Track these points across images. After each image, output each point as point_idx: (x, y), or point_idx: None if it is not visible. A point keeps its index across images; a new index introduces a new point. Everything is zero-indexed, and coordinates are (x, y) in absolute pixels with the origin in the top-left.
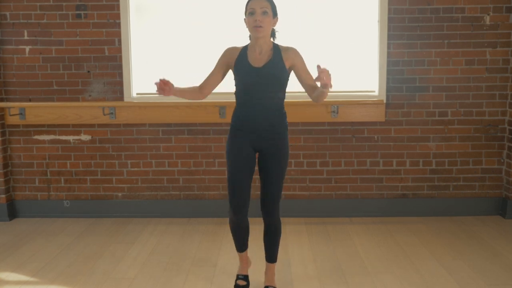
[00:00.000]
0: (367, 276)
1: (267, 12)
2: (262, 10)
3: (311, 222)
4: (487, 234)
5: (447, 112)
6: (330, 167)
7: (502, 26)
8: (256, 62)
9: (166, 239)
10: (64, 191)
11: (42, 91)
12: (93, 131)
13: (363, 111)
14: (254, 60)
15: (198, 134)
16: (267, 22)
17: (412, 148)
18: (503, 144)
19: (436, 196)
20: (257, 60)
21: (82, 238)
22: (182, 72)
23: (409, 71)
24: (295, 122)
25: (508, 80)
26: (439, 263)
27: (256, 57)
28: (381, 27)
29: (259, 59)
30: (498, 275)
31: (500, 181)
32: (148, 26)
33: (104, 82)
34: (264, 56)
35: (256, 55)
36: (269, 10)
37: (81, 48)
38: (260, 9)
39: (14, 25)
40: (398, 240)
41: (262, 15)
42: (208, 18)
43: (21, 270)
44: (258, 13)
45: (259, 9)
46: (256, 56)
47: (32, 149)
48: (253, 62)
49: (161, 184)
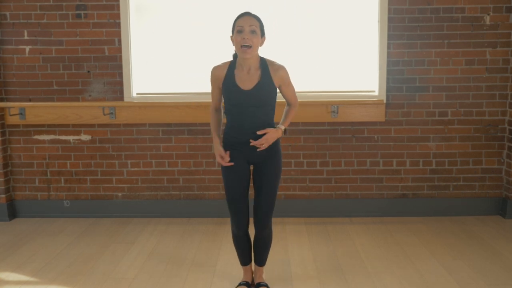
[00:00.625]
0: (367, 276)
1: (255, 32)
2: (251, 28)
3: (311, 222)
4: (487, 234)
5: (447, 112)
6: (330, 167)
7: (502, 26)
8: (245, 83)
9: (166, 239)
10: (64, 191)
11: (42, 91)
12: (93, 131)
13: (363, 111)
14: (243, 81)
15: (198, 134)
16: (255, 42)
17: (412, 148)
18: (503, 144)
19: (436, 196)
20: (245, 82)
21: (82, 238)
22: (182, 72)
23: (409, 71)
24: (295, 122)
25: (508, 80)
26: (439, 263)
27: (244, 77)
28: (381, 27)
29: (248, 80)
30: (498, 275)
31: (500, 181)
32: (148, 26)
33: (104, 82)
34: (253, 76)
35: (244, 74)
36: (257, 29)
37: (81, 48)
38: (248, 27)
39: (14, 25)
40: (398, 240)
41: (250, 34)
42: (208, 18)
43: (21, 270)
44: (246, 31)
45: (248, 27)
46: (244, 76)
47: (32, 149)
48: (241, 83)
49: (161, 184)
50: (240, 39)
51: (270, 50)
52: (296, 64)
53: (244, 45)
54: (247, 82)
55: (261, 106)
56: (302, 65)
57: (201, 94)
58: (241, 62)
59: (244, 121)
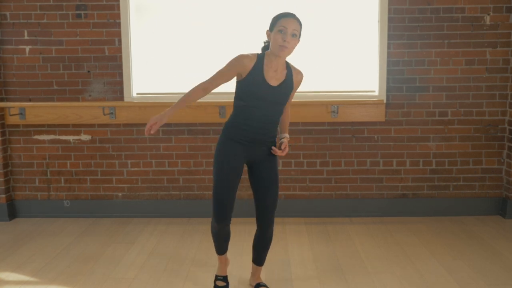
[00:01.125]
0: (367, 276)
1: (296, 36)
2: (293, 32)
3: (311, 222)
4: (487, 234)
5: (447, 112)
6: (330, 167)
7: (502, 26)
8: (272, 79)
9: (166, 239)
10: (64, 191)
11: (42, 91)
12: (93, 131)
13: (363, 111)
14: (270, 77)
15: (198, 134)
16: (293, 45)
17: (412, 148)
18: (503, 144)
19: (436, 196)
20: (272, 78)
21: (82, 238)
22: (182, 71)
23: (409, 71)
24: (295, 122)
25: (508, 80)
26: (439, 263)
27: (271, 73)
28: (381, 27)
29: (274, 77)
30: (498, 275)
31: (500, 181)
32: (148, 26)
33: (104, 82)
34: (280, 75)
35: (272, 71)
36: (298, 34)
37: (81, 48)
38: (291, 30)
39: (14, 25)
40: (398, 240)
41: (291, 37)
42: (208, 18)
43: (21, 270)
44: (288, 33)
45: (291, 30)
46: (271, 73)
47: (32, 149)
48: (268, 79)
49: (161, 184)
50: (280, 39)
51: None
52: (296, 64)
53: (283, 45)
54: (273, 79)
55: (281, 104)
56: (302, 65)
57: None
58: (272, 59)
59: (260, 117)
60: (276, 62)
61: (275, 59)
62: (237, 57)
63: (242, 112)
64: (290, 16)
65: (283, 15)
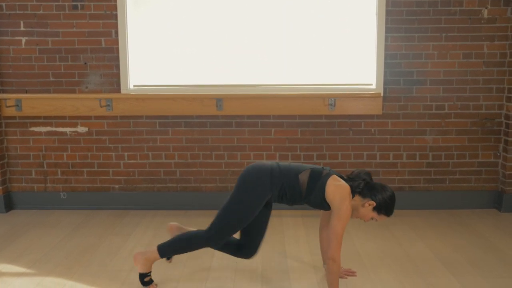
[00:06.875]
0: (363, 268)
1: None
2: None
3: (308, 214)
4: (483, 227)
5: (444, 106)
6: (327, 160)
7: (500, 19)
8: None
9: (163, 232)
10: (61, 183)
11: (39, 83)
12: (90, 123)
13: (360, 104)
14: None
15: (195, 127)
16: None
17: (409, 141)
18: (500, 138)
19: (432, 189)
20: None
21: (78, 230)
22: (179, 63)
23: (406, 64)
24: (292, 115)
25: (505, 74)
26: (434, 255)
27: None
28: (378, 20)
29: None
30: (493, 268)
31: (496, 175)
32: (145, 18)
33: (100, 74)
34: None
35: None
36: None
37: (77, 40)
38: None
39: (10, 16)
40: (394, 232)
41: (371, 219)
42: (205, 10)
43: (18, 261)
44: (377, 221)
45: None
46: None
47: (29, 140)
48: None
49: (158, 176)
50: (368, 219)
51: (268, 45)
52: (294, 57)
53: (364, 220)
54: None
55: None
56: (300, 58)
57: (198, 87)
58: (352, 209)
59: None
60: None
61: (352, 213)
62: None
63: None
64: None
65: (391, 211)
